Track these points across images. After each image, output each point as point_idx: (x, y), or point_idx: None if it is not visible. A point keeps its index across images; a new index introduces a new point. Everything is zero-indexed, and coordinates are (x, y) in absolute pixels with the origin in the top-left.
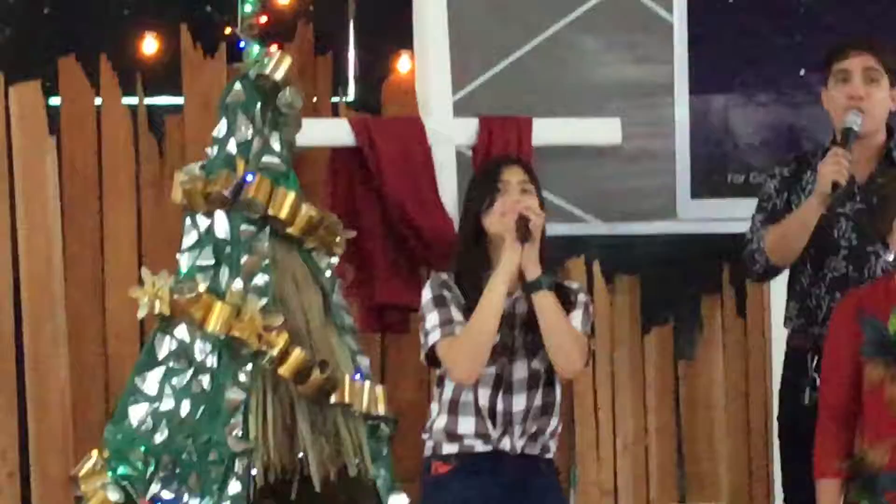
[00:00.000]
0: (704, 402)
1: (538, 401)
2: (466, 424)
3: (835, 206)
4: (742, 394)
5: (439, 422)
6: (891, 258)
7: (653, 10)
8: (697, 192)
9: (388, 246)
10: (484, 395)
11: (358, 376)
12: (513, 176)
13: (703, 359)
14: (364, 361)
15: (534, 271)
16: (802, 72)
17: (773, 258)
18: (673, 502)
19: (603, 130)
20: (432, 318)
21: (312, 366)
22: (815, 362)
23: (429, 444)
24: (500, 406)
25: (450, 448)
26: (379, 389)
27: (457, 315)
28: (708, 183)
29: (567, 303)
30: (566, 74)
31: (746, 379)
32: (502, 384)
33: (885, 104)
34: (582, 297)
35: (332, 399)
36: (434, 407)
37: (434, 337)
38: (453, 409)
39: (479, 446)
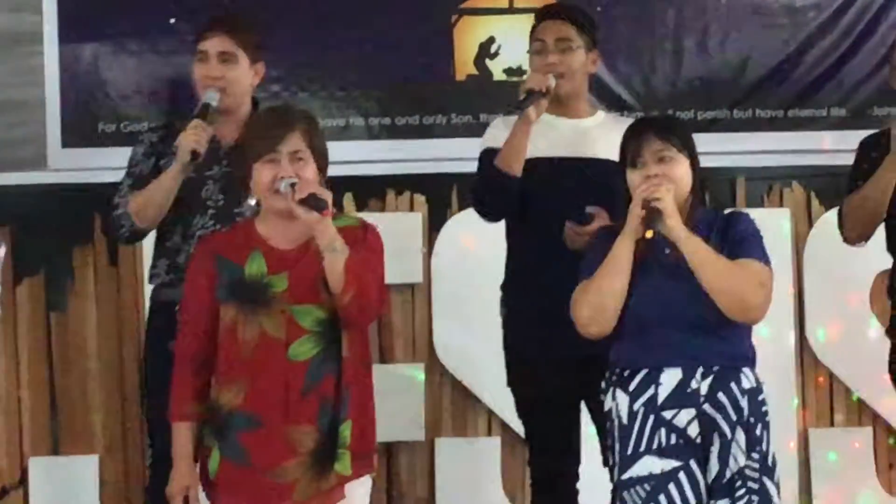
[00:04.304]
0: (77, 353)
1: None
2: None
3: (202, 169)
4: (116, 344)
5: None
6: (252, 202)
7: None
8: (68, 141)
9: None
10: None
11: None
12: None
13: (75, 310)
14: None
15: None
16: (173, 20)
17: (137, 221)
18: (46, 455)
19: None
20: None
21: None
22: None
23: None
24: None
25: None
26: None
27: None
28: (79, 132)
29: None
30: None
31: (119, 329)
32: None
33: (244, 80)
34: None
35: None
36: None
37: None
38: None
39: None
